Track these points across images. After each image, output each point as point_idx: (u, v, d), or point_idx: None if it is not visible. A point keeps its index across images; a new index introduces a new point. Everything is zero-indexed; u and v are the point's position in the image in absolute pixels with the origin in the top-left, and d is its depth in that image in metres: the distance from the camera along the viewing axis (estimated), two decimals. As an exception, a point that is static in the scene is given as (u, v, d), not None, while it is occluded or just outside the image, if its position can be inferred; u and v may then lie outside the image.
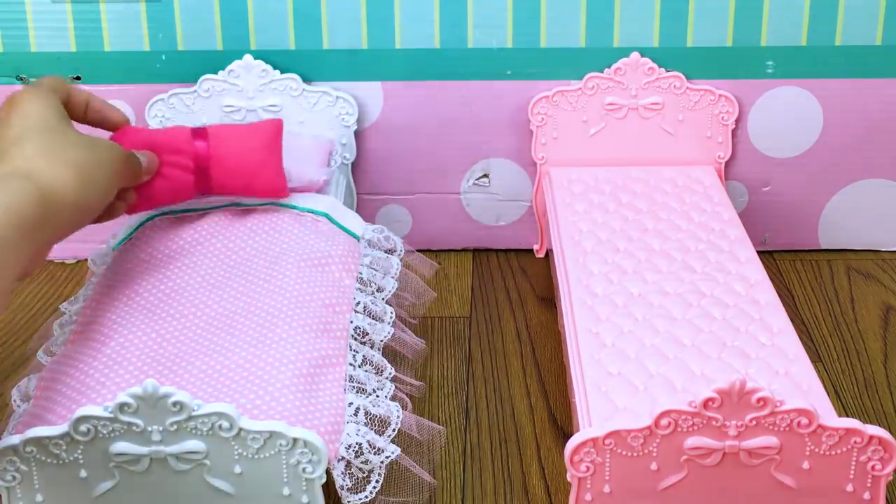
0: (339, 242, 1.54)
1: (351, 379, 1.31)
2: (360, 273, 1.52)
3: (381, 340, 1.43)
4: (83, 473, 1.16)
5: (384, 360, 1.39)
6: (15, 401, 1.31)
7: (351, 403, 1.26)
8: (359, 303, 1.46)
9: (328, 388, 1.27)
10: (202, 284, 1.44)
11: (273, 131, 1.57)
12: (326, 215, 1.60)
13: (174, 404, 1.11)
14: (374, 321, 1.44)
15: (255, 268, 1.47)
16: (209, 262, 1.48)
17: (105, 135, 1.44)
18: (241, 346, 1.31)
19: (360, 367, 1.36)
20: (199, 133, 1.52)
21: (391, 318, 1.47)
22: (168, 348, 1.32)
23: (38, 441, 1.14)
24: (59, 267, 1.91)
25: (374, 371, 1.37)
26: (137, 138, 1.47)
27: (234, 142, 1.53)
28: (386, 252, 1.60)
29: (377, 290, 1.52)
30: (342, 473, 1.19)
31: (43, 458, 1.15)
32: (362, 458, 1.21)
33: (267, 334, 1.33)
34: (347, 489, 1.19)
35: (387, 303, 1.50)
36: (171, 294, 1.42)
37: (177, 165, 1.48)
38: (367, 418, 1.26)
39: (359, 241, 1.59)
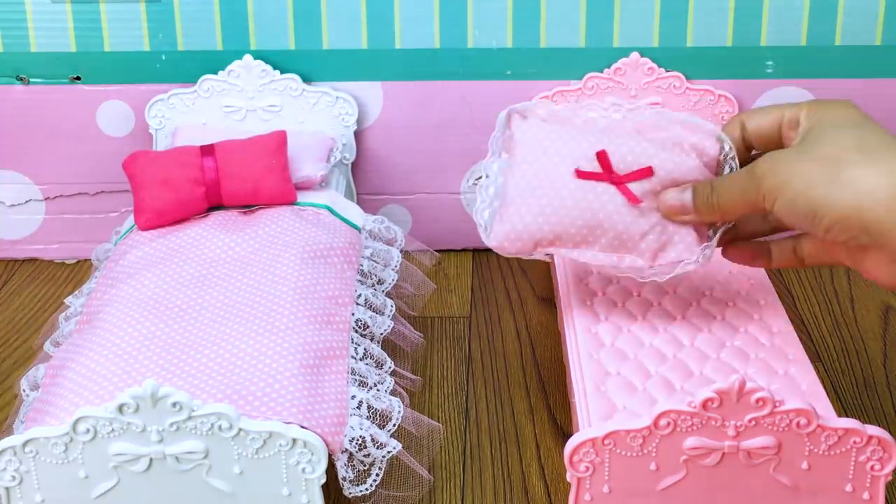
0: (340, 234, 1.56)
1: (353, 372, 1.32)
2: (362, 265, 1.53)
3: (382, 334, 1.44)
4: (83, 473, 1.16)
5: (384, 353, 1.40)
6: (24, 390, 1.32)
7: (354, 396, 1.27)
8: (360, 295, 1.47)
9: (332, 380, 1.28)
10: (206, 276, 1.45)
11: (277, 142, 1.62)
12: (328, 207, 1.62)
13: (173, 404, 1.11)
14: (374, 314, 1.45)
15: (260, 260, 1.47)
16: (213, 255, 1.49)
17: None
18: (247, 337, 1.31)
19: (361, 360, 1.36)
20: (207, 150, 1.59)
21: (391, 311, 1.48)
22: (175, 338, 1.32)
23: (38, 441, 1.14)
24: (58, 267, 1.91)
25: (374, 364, 1.38)
26: (147, 159, 1.58)
27: (241, 156, 1.60)
28: (386, 243, 1.62)
29: (378, 283, 1.53)
30: (345, 465, 1.19)
31: (43, 458, 1.15)
32: (364, 452, 1.21)
33: (272, 325, 1.33)
34: (349, 481, 1.20)
35: (387, 295, 1.51)
36: (176, 286, 1.42)
37: (187, 181, 1.56)
38: (369, 412, 1.27)
39: (360, 232, 1.60)
